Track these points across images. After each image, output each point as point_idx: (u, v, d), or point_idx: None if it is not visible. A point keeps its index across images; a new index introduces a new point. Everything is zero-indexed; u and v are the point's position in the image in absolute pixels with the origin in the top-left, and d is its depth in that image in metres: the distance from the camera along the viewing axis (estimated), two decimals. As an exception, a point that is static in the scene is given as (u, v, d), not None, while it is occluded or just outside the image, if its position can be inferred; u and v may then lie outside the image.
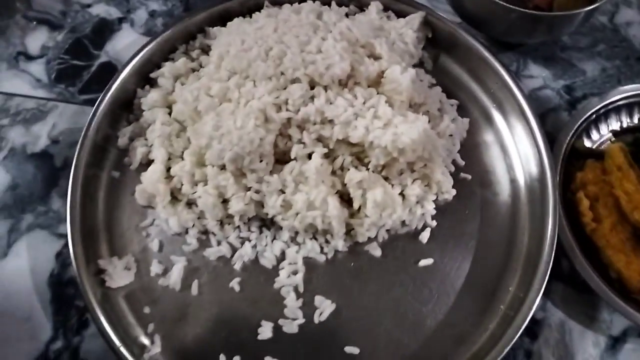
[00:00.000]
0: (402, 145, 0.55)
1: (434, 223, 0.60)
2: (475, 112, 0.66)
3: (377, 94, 0.59)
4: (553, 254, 0.54)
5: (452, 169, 0.62)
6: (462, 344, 0.54)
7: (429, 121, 0.61)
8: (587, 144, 0.64)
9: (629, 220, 0.55)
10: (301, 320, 0.56)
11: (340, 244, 0.58)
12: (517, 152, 0.63)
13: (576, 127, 0.62)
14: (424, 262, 0.58)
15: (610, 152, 0.59)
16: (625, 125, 0.65)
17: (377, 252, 0.58)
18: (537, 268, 0.54)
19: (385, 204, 0.57)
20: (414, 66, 0.63)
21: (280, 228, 0.58)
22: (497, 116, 0.65)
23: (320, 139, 0.57)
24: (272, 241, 0.59)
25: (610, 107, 0.63)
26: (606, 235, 0.55)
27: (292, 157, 0.57)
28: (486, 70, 0.64)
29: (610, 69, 0.71)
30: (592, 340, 0.57)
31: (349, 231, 0.58)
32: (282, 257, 0.58)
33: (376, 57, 0.60)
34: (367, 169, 0.58)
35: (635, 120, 0.65)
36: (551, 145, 0.60)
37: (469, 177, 0.62)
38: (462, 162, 0.63)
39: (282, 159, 0.58)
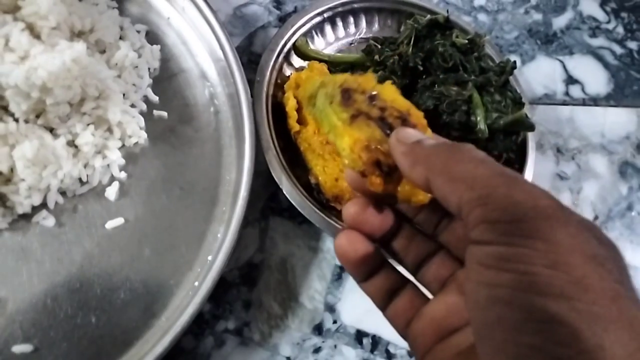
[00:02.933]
0: (39, 81, 0.42)
1: (123, 175, 0.49)
2: (170, 37, 0.56)
3: (15, 20, 0.46)
4: (249, 184, 0.47)
5: (144, 107, 0.52)
6: (161, 308, 0.46)
7: (104, 51, 0.50)
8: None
9: None
10: (-51, 329, 0.42)
11: (-6, 220, 0.45)
12: (217, 77, 0.54)
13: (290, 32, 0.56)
14: (112, 223, 0.48)
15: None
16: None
17: (49, 221, 0.46)
18: (236, 203, 0.47)
19: (44, 161, 0.45)
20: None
21: None
22: (193, 40, 0.55)
23: None
24: None
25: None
26: (308, 138, 0.50)
27: None
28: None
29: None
30: (318, 273, 0.52)
31: (5, 202, 0.46)
32: None
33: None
34: (16, 120, 0.45)
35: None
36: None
37: (165, 114, 0.52)
38: (155, 98, 0.53)
39: None
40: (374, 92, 0.34)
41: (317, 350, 0.49)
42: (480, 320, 0.22)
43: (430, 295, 0.31)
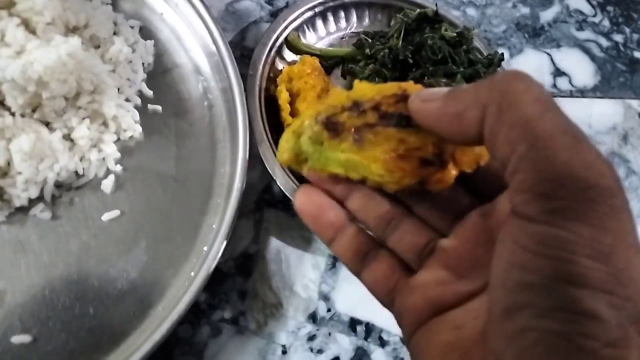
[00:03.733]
0: (35, 75, 0.43)
1: (119, 168, 0.50)
2: (163, 32, 0.56)
3: (11, 16, 0.46)
4: (243, 176, 0.48)
5: (138, 101, 0.52)
6: (158, 298, 0.46)
7: (98, 46, 0.51)
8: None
9: None
10: (-51, 321, 0.43)
11: (-9, 213, 0.46)
12: (210, 71, 0.55)
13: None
14: (108, 216, 0.48)
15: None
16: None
17: (46, 214, 0.47)
18: (231, 194, 0.48)
19: (40, 154, 0.46)
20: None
21: None
22: (186, 35, 0.56)
23: None
24: None
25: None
26: None
27: None
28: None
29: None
30: (312, 263, 0.53)
31: (3, 195, 0.46)
32: None
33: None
34: (13, 114, 0.46)
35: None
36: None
37: (160, 108, 0.53)
38: (150, 93, 0.53)
39: None
40: (352, 101, 0.28)
41: (311, 338, 0.50)
42: (503, 301, 0.21)
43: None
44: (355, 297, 0.51)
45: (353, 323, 0.51)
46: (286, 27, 0.57)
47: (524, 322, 0.20)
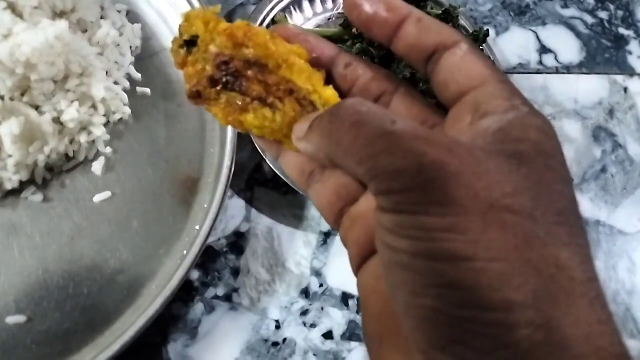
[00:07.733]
0: (23, 57, 0.43)
1: (109, 150, 0.50)
2: (150, 16, 0.57)
3: (-3, 1, 0.46)
4: (232, 154, 0.49)
5: (127, 84, 0.53)
6: (151, 277, 0.47)
7: (85, 31, 0.51)
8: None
9: None
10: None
11: (-18, 197, 0.46)
12: (198, 54, 0.56)
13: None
14: (100, 197, 0.49)
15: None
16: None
17: (38, 197, 0.47)
18: (221, 174, 0.49)
19: (31, 137, 0.46)
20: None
21: None
22: (173, 19, 0.57)
23: None
24: None
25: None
26: None
27: None
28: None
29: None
30: (303, 240, 0.53)
31: (-6, 179, 0.47)
32: None
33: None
34: (2, 98, 0.46)
35: None
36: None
37: (149, 91, 0.53)
38: (138, 76, 0.54)
39: None
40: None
41: (304, 312, 0.50)
42: (387, 280, 0.22)
43: None
44: (346, 272, 0.51)
45: (345, 297, 0.51)
46: (273, 9, 0.58)
47: (404, 299, 0.20)
